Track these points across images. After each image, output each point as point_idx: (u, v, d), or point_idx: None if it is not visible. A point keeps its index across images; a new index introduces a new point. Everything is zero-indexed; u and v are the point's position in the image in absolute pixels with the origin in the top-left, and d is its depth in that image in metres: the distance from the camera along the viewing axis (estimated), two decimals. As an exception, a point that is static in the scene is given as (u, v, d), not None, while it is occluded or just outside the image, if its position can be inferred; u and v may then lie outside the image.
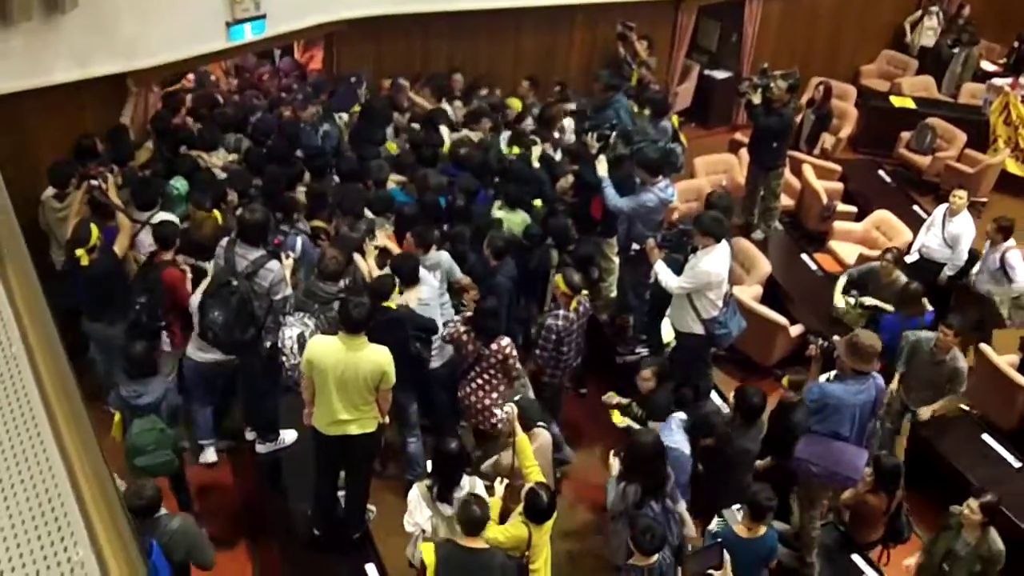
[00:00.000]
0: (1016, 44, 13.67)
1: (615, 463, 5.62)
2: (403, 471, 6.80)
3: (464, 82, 10.46)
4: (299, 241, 7.12)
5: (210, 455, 6.81)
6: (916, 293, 7.62)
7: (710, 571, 5.19)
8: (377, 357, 5.43)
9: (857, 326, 7.96)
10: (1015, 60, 13.64)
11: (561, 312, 6.64)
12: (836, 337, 6.32)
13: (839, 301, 8.18)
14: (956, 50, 13.52)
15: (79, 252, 6.39)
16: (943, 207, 9.00)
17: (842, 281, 8.33)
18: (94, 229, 6.47)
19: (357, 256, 6.86)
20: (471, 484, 5.14)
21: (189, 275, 6.76)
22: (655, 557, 4.98)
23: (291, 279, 6.36)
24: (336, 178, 8.24)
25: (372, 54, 10.09)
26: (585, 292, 6.87)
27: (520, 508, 5.04)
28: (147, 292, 6.68)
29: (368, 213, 7.46)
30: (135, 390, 5.78)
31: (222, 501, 6.87)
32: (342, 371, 5.37)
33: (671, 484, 5.50)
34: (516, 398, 6.13)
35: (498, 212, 7.93)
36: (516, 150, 8.85)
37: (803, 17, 12.92)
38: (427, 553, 4.80)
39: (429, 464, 5.33)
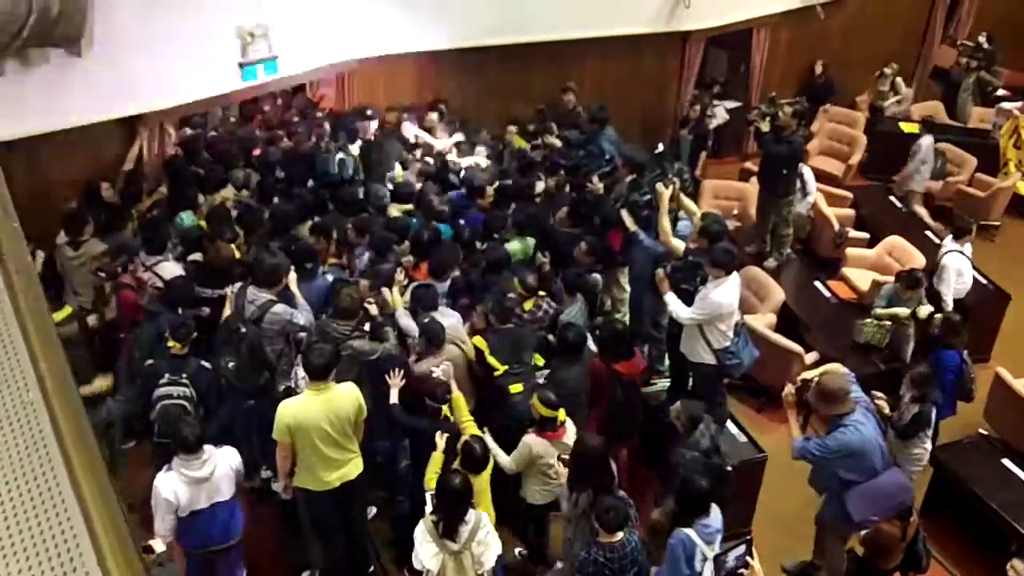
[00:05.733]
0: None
1: (560, 467, 5.75)
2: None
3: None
4: (329, 279, 7.11)
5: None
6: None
7: (740, 571, 5.16)
8: (350, 394, 5.48)
9: (881, 344, 7.96)
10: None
11: (516, 310, 6.87)
12: (808, 375, 6.06)
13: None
14: (965, 72, 13.56)
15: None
16: (960, 256, 8.85)
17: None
18: (64, 311, 6.29)
19: (385, 289, 6.90)
20: (477, 518, 5.13)
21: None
22: (620, 535, 5.05)
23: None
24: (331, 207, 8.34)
25: (384, 91, 10.19)
26: (543, 293, 7.03)
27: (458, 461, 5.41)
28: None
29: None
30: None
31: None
32: (327, 421, 5.35)
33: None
34: (426, 321, 6.35)
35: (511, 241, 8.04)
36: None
37: (810, 46, 13.00)
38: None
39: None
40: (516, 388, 6.26)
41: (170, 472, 5.33)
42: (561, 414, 5.85)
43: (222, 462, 5.46)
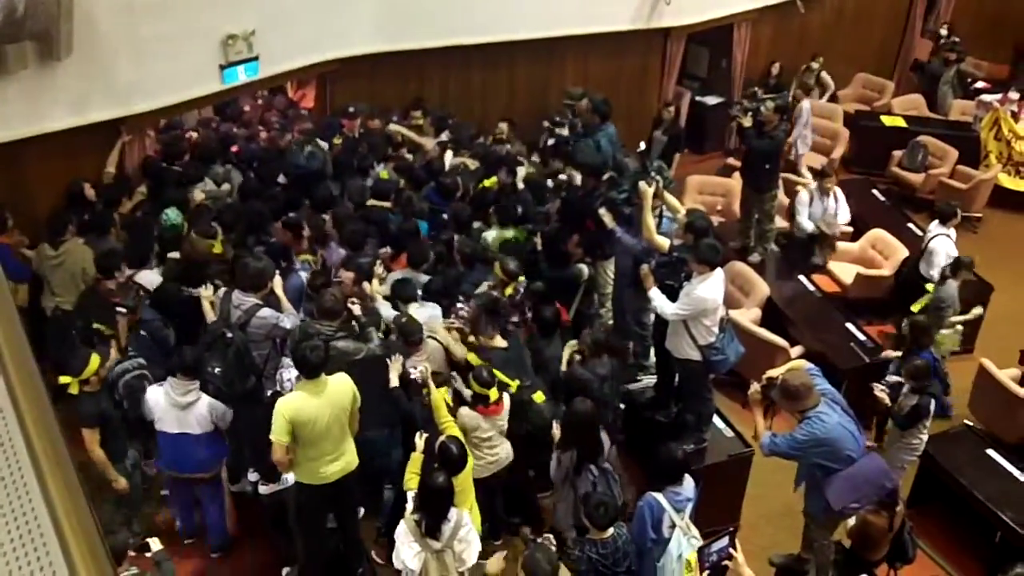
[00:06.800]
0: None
1: (557, 431, 5.95)
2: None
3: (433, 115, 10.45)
4: (302, 277, 7.14)
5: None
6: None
7: (724, 563, 5.18)
8: (345, 387, 5.49)
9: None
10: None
11: (494, 293, 7.06)
12: (773, 373, 6.06)
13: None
14: (945, 65, 13.63)
15: (65, 379, 5.82)
16: (947, 239, 8.93)
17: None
18: (94, 360, 5.93)
19: (365, 284, 6.93)
20: (459, 516, 5.14)
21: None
22: (610, 531, 5.11)
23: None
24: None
25: (366, 91, 10.16)
26: (522, 279, 7.21)
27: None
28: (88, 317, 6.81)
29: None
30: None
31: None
32: (327, 414, 5.37)
33: (608, 449, 5.85)
34: (402, 320, 6.48)
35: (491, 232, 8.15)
36: (493, 181, 8.94)
37: (791, 41, 13.04)
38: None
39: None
40: (539, 397, 6.43)
41: (161, 387, 6.05)
42: (493, 393, 6.02)
43: (203, 402, 6.05)
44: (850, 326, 8.70)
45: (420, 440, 5.64)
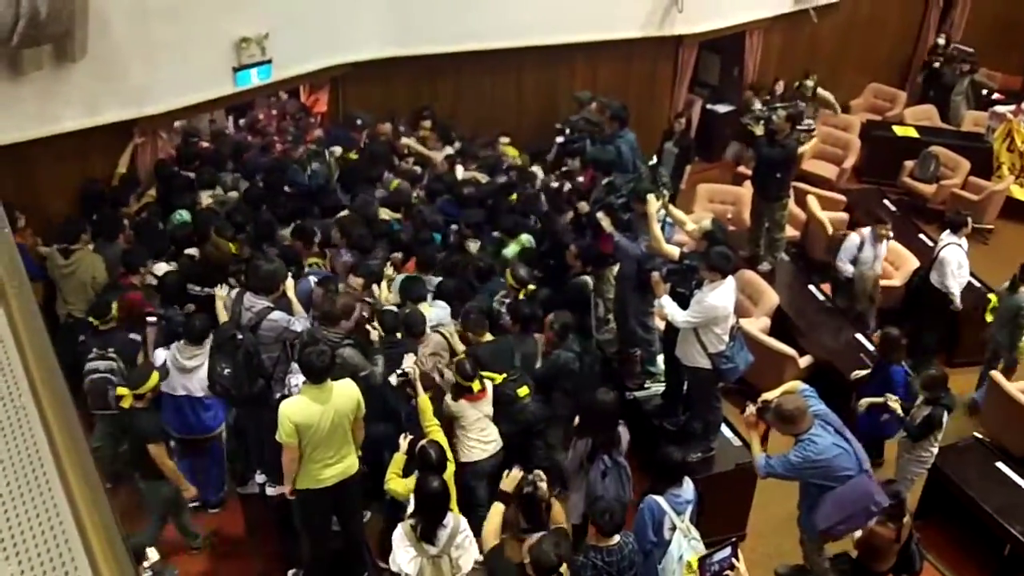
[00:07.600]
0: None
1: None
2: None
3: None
4: (311, 281, 7.14)
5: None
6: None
7: (726, 573, 5.16)
8: (350, 392, 5.50)
9: None
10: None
11: (508, 302, 7.19)
12: (768, 396, 6.04)
13: None
14: (958, 76, 13.59)
15: (122, 391, 5.95)
16: (958, 249, 8.84)
17: None
18: (154, 377, 5.94)
19: (375, 289, 6.94)
20: (456, 522, 5.11)
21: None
22: (616, 538, 5.07)
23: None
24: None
25: (378, 95, 10.19)
26: (532, 287, 7.35)
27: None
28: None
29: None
30: None
31: (234, 542, 6.88)
32: (330, 419, 5.37)
33: (624, 442, 5.85)
34: (407, 311, 6.59)
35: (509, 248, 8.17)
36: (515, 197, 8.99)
37: (803, 50, 13.00)
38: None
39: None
40: (524, 391, 6.46)
41: (168, 351, 6.41)
42: (476, 384, 6.10)
43: (206, 367, 6.30)
44: (859, 336, 8.68)
45: (404, 441, 5.64)
